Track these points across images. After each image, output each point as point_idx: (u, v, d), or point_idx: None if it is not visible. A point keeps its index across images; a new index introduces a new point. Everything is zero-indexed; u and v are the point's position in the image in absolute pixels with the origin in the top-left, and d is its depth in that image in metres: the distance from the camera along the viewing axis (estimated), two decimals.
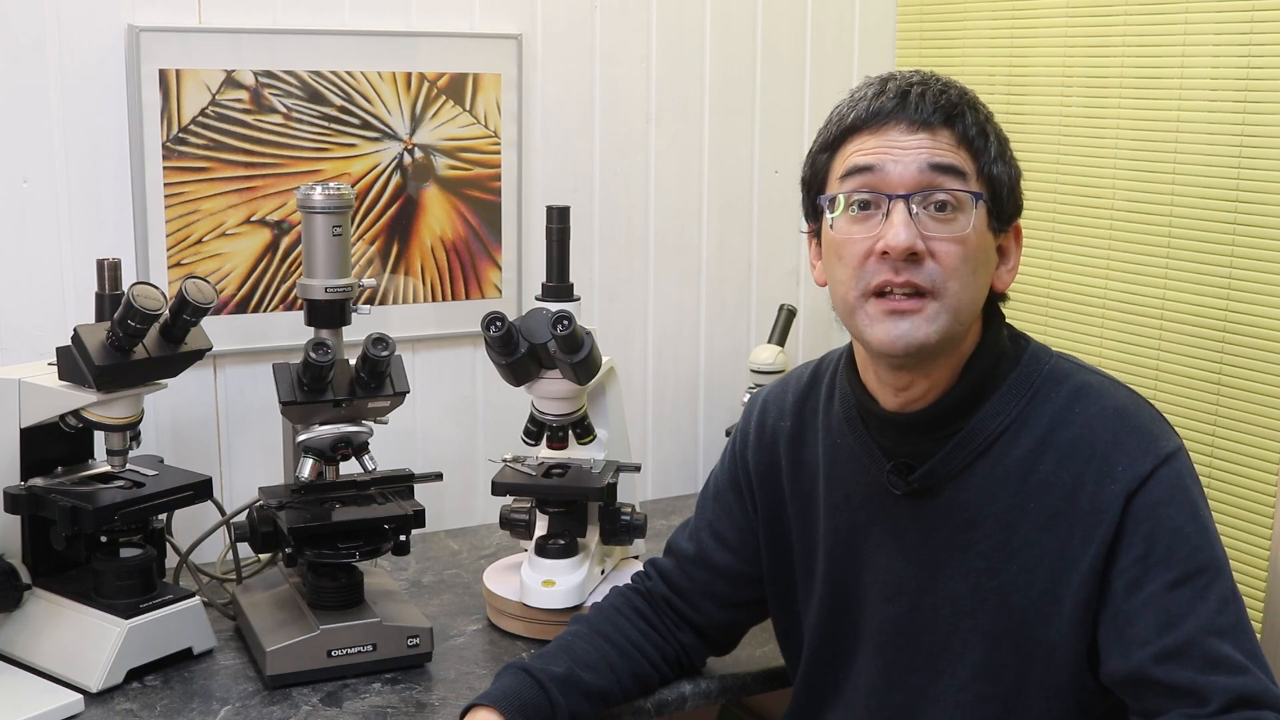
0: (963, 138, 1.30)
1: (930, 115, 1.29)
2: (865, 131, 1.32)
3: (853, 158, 1.32)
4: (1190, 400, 1.91)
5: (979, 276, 1.32)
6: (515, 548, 1.99)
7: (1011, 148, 1.36)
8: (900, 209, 1.28)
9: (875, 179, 1.30)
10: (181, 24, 1.92)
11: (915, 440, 1.37)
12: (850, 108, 1.33)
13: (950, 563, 1.37)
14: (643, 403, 2.39)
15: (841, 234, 1.32)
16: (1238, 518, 1.85)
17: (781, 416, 1.54)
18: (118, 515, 1.62)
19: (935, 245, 1.28)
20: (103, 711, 1.55)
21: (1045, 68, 2.13)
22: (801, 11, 2.42)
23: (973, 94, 1.34)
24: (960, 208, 1.29)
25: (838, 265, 1.33)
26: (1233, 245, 1.83)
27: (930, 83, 1.32)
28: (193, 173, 1.95)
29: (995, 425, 1.34)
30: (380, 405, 1.72)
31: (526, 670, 1.48)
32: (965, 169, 1.30)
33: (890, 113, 1.30)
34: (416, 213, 2.12)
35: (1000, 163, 1.33)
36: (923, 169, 1.28)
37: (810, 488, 1.50)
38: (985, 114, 1.34)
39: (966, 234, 1.29)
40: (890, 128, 1.30)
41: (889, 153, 1.29)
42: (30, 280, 1.88)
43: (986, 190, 1.31)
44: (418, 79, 2.08)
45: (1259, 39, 1.79)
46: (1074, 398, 1.34)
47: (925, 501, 1.38)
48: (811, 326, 2.52)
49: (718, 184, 2.39)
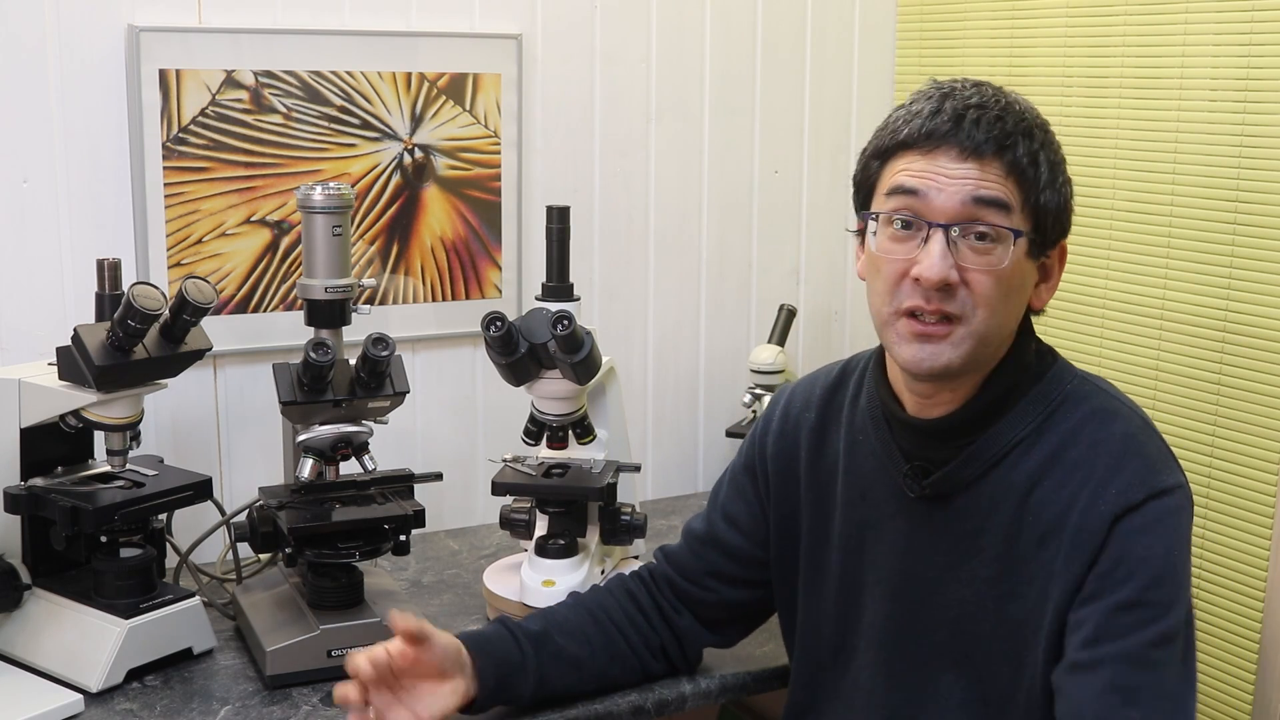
0: (1012, 168, 1.29)
1: (982, 144, 1.28)
2: (915, 151, 1.31)
3: (899, 176, 1.31)
4: (1190, 400, 1.91)
5: (1011, 304, 1.32)
6: (515, 548, 1.99)
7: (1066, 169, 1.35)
8: (939, 238, 1.28)
9: (918, 204, 1.30)
10: (181, 24, 1.92)
11: (934, 446, 1.39)
12: (905, 121, 1.32)
13: (956, 568, 1.38)
14: (643, 403, 2.39)
15: (881, 250, 1.33)
16: (1238, 518, 1.85)
17: (807, 408, 1.54)
18: (118, 515, 1.62)
19: (970, 275, 1.29)
20: (103, 711, 1.55)
21: (1045, 68, 2.13)
22: (801, 11, 2.42)
23: (1032, 118, 1.33)
24: (999, 240, 1.29)
25: (875, 278, 1.34)
26: (1233, 245, 1.83)
27: (989, 106, 1.30)
28: (193, 173, 1.95)
29: (1009, 438, 1.35)
30: (380, 405, 1.72)
31: (504, 623, 1.53)
32: (1010, 201, 1.29)
33: (942, 136, 1.29)
34: (416, 213, 2.12)
35: (1050, 190, 1.32)
36: (966, 201, 1.28)
37: (828, 481, 1.50)
38: (1040, 140, 1.32)
39: (1002, 268, 1.29)
40: (940, 152, 1.29)
41: (935, 179, 1.29)
42: (30, 280, 1.88)
43: (1031, 220, 1.31)
44: (418, 79, 2.08)
45: (1259, 39, 1.78)
46: (1088, 419, 1.34)
47: (938, 506, 1.39)
48: (811, 326, 2.52)
49: (718, 184, 2.39)
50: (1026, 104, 1.35)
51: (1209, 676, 1.89)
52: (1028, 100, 1.36)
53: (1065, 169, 1.35)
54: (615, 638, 1.58)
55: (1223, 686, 1.88)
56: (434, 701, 1.43)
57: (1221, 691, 1.88)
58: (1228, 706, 1.87)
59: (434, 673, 1.44)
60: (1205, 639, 1.89)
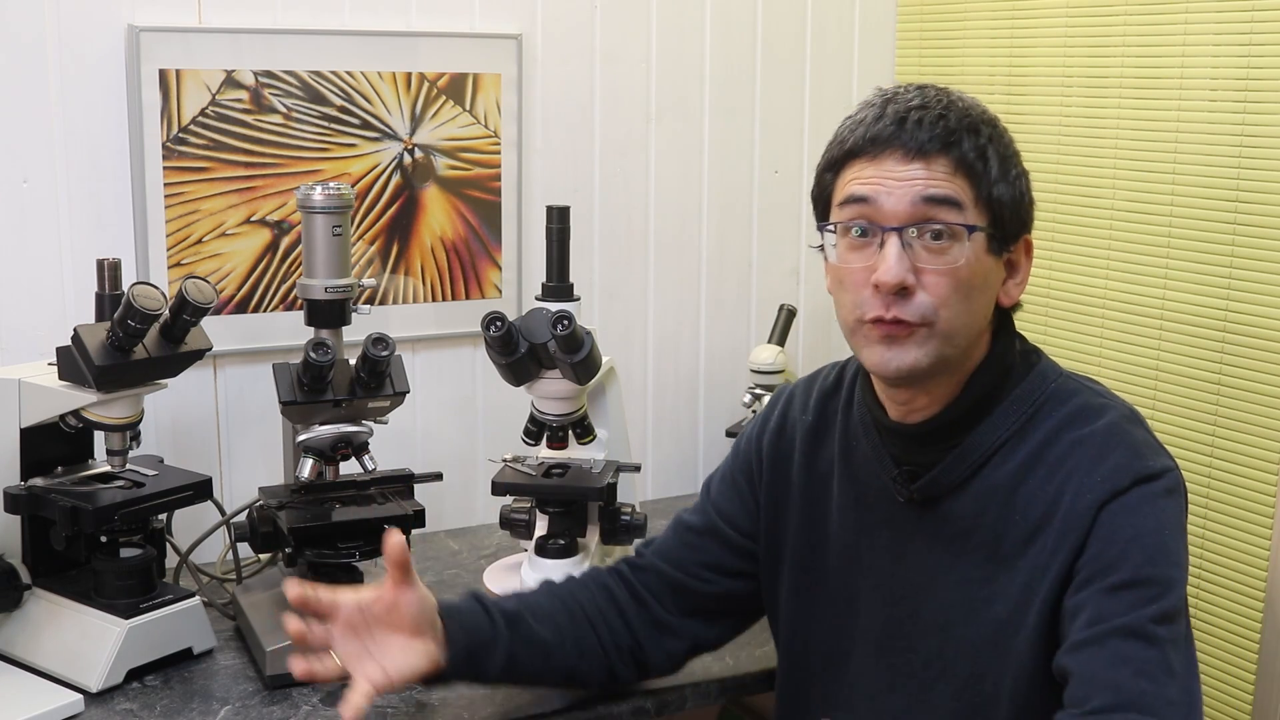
0: (960, 164, 1.29)
1: (926, 143, 1.28)
2: (863, 158, 1.32)
3: (850, 186, 1.32)
4: (1190, 400, 1.91)
5: (974, 302, 1.32)
6: (515, 548, 1.99)
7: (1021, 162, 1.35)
8: (894, 242, 1.29)
9: (870, 210, 1.30)
10: (181, 24, 1.92)
11: (919, 450, 1.39)
12: (850, 130, 1.34)
13: (947, 571, 1.38)
14: (643, 403, 2.39)
15: (841, 261, 1.34)
16: (1238, 518, 1.85)
17: (805, 411, 1.54)
18: (118, 515, 1.62)
19: (927, 277, 1.29)
20: (103, 711, 1.55)
21: (1045, 68, 2.13)
22: (801, 12, 2.42)
23: (977, 114, 1.32)
24: (955, 237, 1.29)
25: (839, 290, 1.36)
26: (1233, 245, 1.83)
27: (931, 106, 1.31)
28: (193, 173, 1.95)
29: (994, 439, 1.35)
30: (380, 405, 1.72)
31: (478, 597, 1.50)
32: (961, 198, 1.29)
33: (886, 140, 1.30)
34: (416, 213, 2.12)
35: (1003, 183, 1.31)
36: (915, 202, 1.28)
37: (823, 486, 1.50)
38: (988, 135, 1.31)
39: (959, 265, 1.29)
40: (886, 156, 1.30)
41: (883, 184, 1.30)
42: (30, 280, 1.88)
43: (986, 215, 1.31)
44: (418, 79, 2.08)
45: (1259, 39, 1.78)
46: (1073, 416, 1.34)
47: (927, 510, 1.39)
48: (811, 326, 2.53)
49: (718, 184, 2.39)
50: (972, 100, 1.35)
51: (1209, 676, 1.89)
52: (973, 97, 1.36)
53: (1019, 161, 1.35)
54: (586, 631, 1.53)
55: (1223, 686, 1.88)
56: (404, 659, 1.40)
57: (1221, 691, 1.88)
58: (1228, 706, 1.87)
59: (407, 628, 1.41)
60: (1205, 639, 1.89)
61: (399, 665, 1.40)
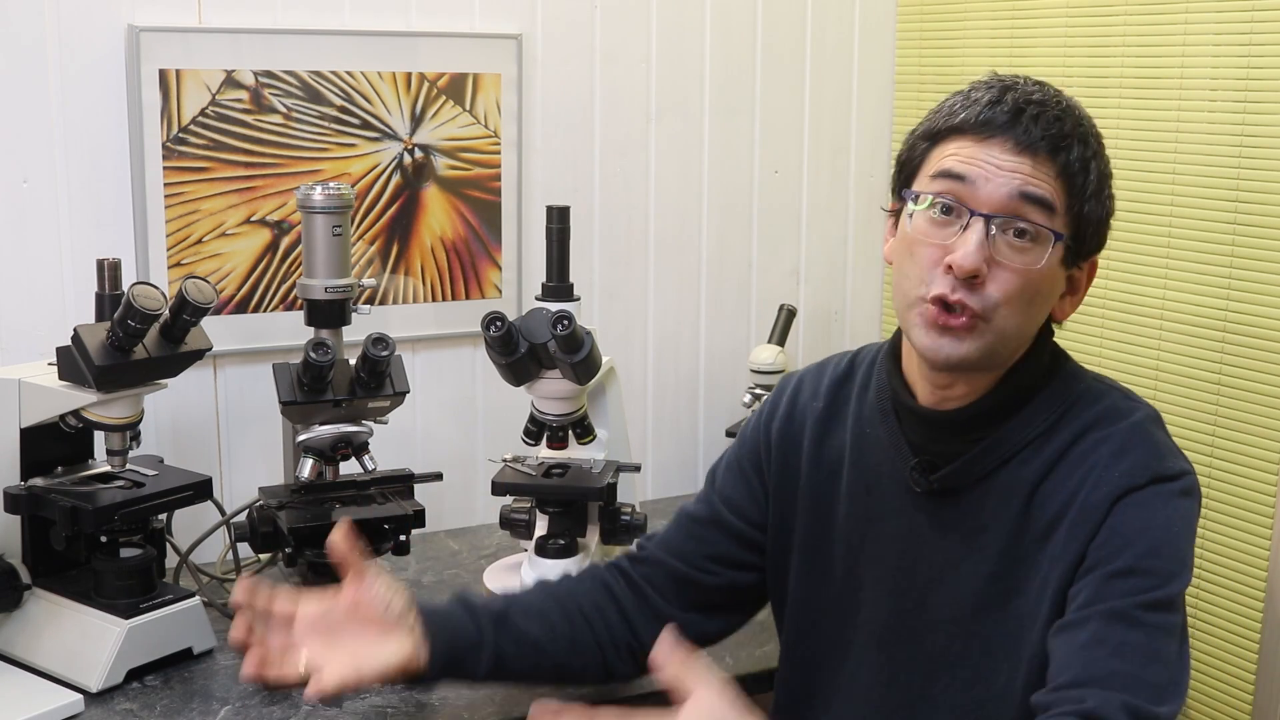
0: (1063, 170, 1.28)
1: (1038, 140, 1.27)
2: (969, 136, 1.30)
3: (949, 160, 1.30)
4: (1190, 400, 1.91)
5: (1035, 308, 1.31)
6: (515, 548, 1.99)
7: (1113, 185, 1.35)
8: (979, 228, 1.27)
9: (964, 190, 1.29)
10: (181, 24, 1.93)
11: (944, 439, 1.38)
12: (964, 107, 1.31)
13: (959, 565, 1.37)
14: (643, 403, 2.39)
15: (919, 232, 1.31)
16: (1238, 518, 1.85)
17: (815, 397, 1.53)
18: (118, 515, 1.62)
19: (999, 271, 1.27)
20: (103, 711, 1.55)
21: (1045, 68, 2.13)
22: (801, 11, 2.43)
23: (1089, 125, 1.32)
24: (1039, 240, 1.28)
25: (908, 260, 1.33)
26: (1233, 245, 1.83)
27: (1049, 104, 1.29)
28: (193, 173, 1.95)
29: (1023, 436, 1.35)
30: (380, 405, 1.72)
31: (464, 600, 1.47)
32: (1055, 203, 1.28)
33: (1000, 126, 1.28)
34: (416, 213, 2.12)
35: (1094, 200, 1.31)
36: (1012, 195, 1.27)
37: (832, 474, 1.49)
38: (1094, 149, 1.31)
39: (1035, 268, 1.28)
40: (994, 142, 1.28)
41: (984, 167, 1.28)
42: (30, 280, 1.89)
43: (1071, 227, 1.30)
44: (418, 79, 2.08)
45: (1259, 39, 1.78)
46: (1100, 418, 1.34)
47: (944, 502, 1.38)
48: (811, 326, 2.53)
49: (718, 184, 2.39)
50: (1085, 112, 1.34)
51: (1209, 676, 1.89)
52: (1086, 109, 1.35)
53: (1112, 184, 1.35)
54: (580, 627, 1.51)
55: (1223, 686, 1.88)
56: (373, 653, 1.38)
57: (1221, 691, 1.88)
58: (1228, 707, 1.87)
59: (374, 624, 1.40)
60: (1205, 639, 1.89)
61: (368, 659, 1.38)
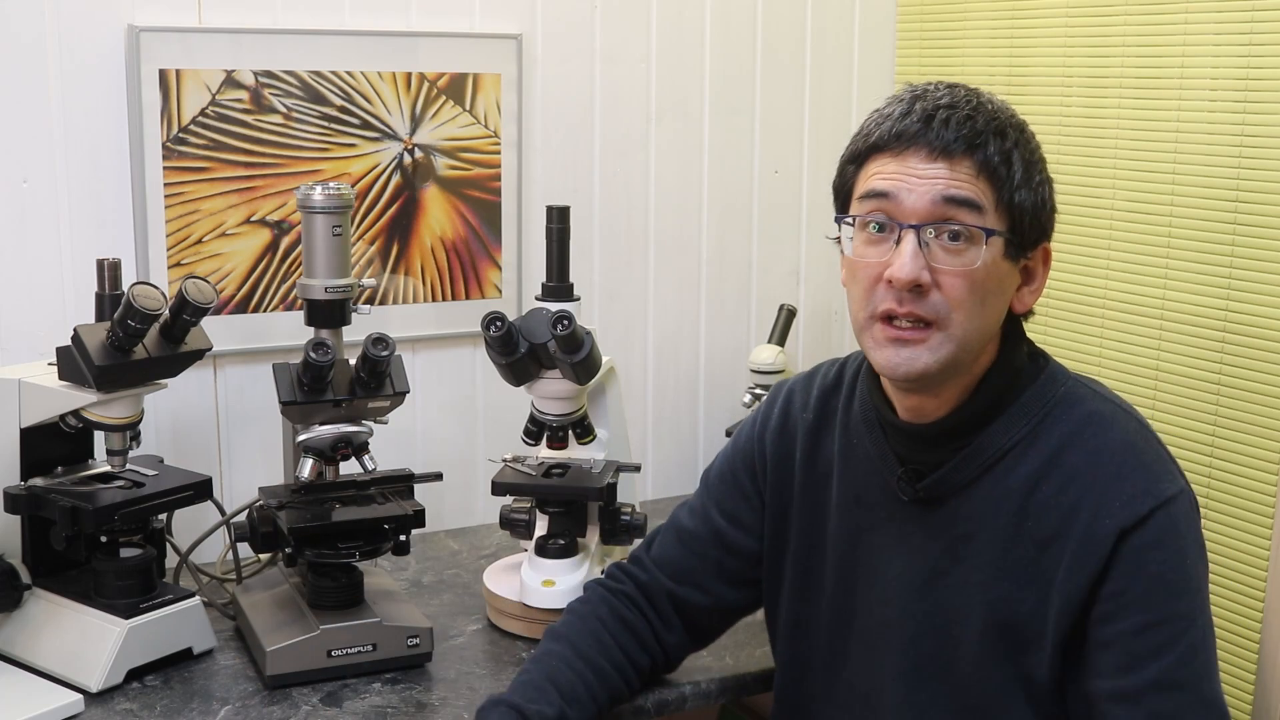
0: (983, 167, 1.29)
1: (951, 143, 1.28)
2: (887, 153, 1.31)
3: (872, 180, 1.32)
4: (1190, 400, 1.91)
5: (988, 306, 1.31)
6: (515, 548, 1.99)
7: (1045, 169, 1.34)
8: (910, 239, 1.28)
9: (890, 205, 1.30)
10: (181, 24, 1.92)
11: (927, 450, 1.38)
12: (878, 124, 1.33)
13: (948, 573, 1.37)
14: (643, 403, 2.39)
15: (857, 255, 1.33)
16: (1238, 518, 1.85)
17: (805, 408, 1.54)
18: (118, 515, 1.62)
19: (942, 277, 1.28)
20: (103, 711, 1.55)
21: (1045, 68, 2.13)
22: (801, 12, 2.42)
23: (1005, 118, 1.32)
24: (972, 240, 1.29)
25: (853, 283, 1.35)
26: (1233, 245, 1.83)
27: (959, 106, 1.30)
28: (193, 173, 1.95)
29: (1004, 442, 1.35)
30: (380, 405, 1.72)
31: (521, 712, 1.41)
32: (982, 201, 1.29)
33: (912, 137, 1.29)
34: (416, 213, 2.12)
35: (1025, 189, 1.31)
36: (936, 201, 1.28)
37: (823, 484, 1.50)
38: (1014, 139, 1.31)
39: (975, 268, 1.28)
40: (910, 153, 1.29)
41: (905, 180, 1.29)
42: (30, 280, 1.88)
43: (1006, 220, 1.30)
44: (418, 79, 2.08)
45: (1259, 39, 1.78)
46: (1085, 423, 1.34)
47: (931, 510, 1.39)
48: (811, 326, 2.53)
49: (718, 184, 2.39)
50: (1000, 104, 1.34)
51: None
52: (1003, 100, 1.35)
53: (1043, 168, 1.34)
54: (616, 683, 1.53)
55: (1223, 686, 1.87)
56: None
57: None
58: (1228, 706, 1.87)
59: None
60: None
61: None
